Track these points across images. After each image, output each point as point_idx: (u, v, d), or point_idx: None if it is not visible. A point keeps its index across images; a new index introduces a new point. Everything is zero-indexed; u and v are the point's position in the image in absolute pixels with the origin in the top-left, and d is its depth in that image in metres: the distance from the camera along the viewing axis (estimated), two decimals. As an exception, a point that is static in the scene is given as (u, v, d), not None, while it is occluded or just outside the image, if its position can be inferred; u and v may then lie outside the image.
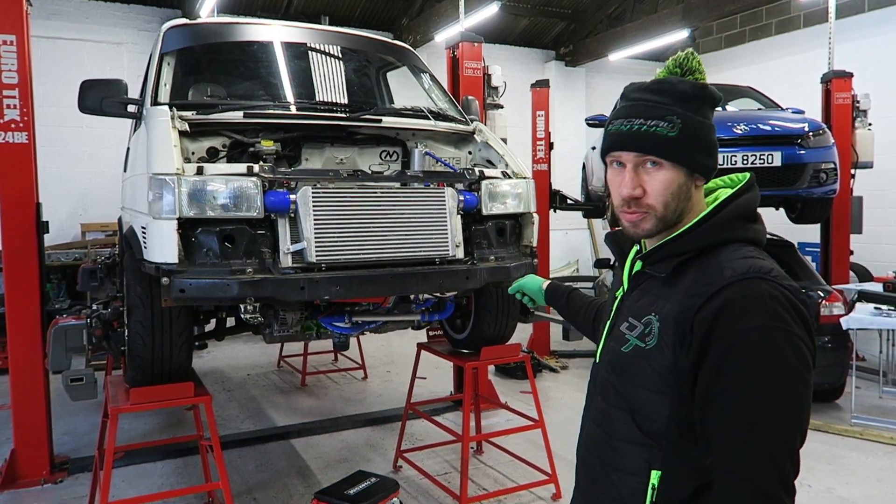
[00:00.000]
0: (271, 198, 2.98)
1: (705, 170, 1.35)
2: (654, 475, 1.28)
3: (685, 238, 1.31)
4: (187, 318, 3.31)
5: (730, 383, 1.16)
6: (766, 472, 1.13)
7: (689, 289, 1.26)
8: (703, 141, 1.33)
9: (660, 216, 1.32)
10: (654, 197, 1.31)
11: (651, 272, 1.36)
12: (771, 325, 1.16)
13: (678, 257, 1.31)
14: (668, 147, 1.29)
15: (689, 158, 1.31)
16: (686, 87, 1.33)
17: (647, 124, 1.30)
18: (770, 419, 1.15)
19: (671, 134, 1.29)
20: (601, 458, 1.40)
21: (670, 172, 1.30)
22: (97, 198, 8.84)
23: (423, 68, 4.59)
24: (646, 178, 1.31)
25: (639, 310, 1.35)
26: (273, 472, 4.61)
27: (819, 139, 5.89)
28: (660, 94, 1.33)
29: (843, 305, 5.61)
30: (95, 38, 9.03)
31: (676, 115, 1.30)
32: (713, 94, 1.35)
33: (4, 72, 4.25)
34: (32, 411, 4.40)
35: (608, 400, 1.39)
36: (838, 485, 4.31)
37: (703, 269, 1.27)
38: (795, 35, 11.26)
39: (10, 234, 4.32)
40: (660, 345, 1.27)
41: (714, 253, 1.29)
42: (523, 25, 12.10)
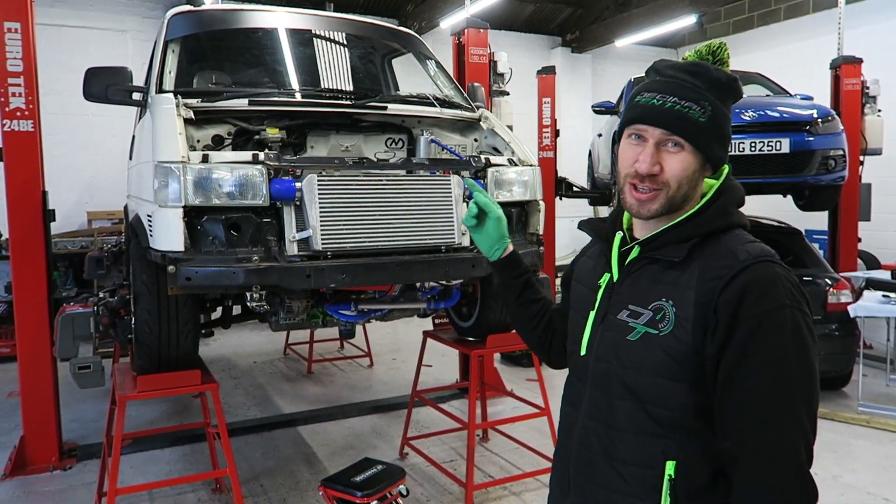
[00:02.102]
0: (277, 186, 2.97)
1: (718, 161, 1.34)
2: (669, 466, 1.26)
3: (693, 222, 1.31)
4: (194, 305, 3.32)
5: (759, 362, 1.17)
6: (798, 450, 1.16)
7: (705, 272, 1.25)
8: (724, 133, 1.33)
9: (670, 196, 1.31)
10: (670, 176, 1.30)
11: (658, 257, 1.33)
12: (790, 305, 1.19)
13: (688, 241, 1.30)
14: (696, 131, 1.28)
15: (710, 147, 1.31)
16: (721, 75, 1.32)
17: (680, 104, 1.28)
18: (798, 397, 1.16)
19: (701, 119, 1.28)
20: (604, 454, 1.34)
21: (690, 156, 1.30)
22: (103, 186, 8.85)
23: (429, 55, 4.56)
24: (665, 156, 1.30)
25: (642, 297, 1.32)
26: (280, 459, 4.63)
27: (828, 126, 5.83)
28: (696, 77, 1.31)
29: (851, 293, 5.59)
30: (100, 26, 9.00)
31: (709, 102, 1.29)
32: (739, 90, 1.34)
33: (9, 60, 4.24)
34: (41, 399, 4.43)
35: (608, 391, 1.34)
36: (845, 472, 4.31)
37: (713, 252, 1.27)
38: (804, 20, 11.13)
39: (17, 223, 4.33)
40: (677, 330, 1.25)
41: (718, 238, 1.29)
42: (529, 11, 12.01)
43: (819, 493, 1.18)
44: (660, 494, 1.26)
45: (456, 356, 6.17)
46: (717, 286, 1.22)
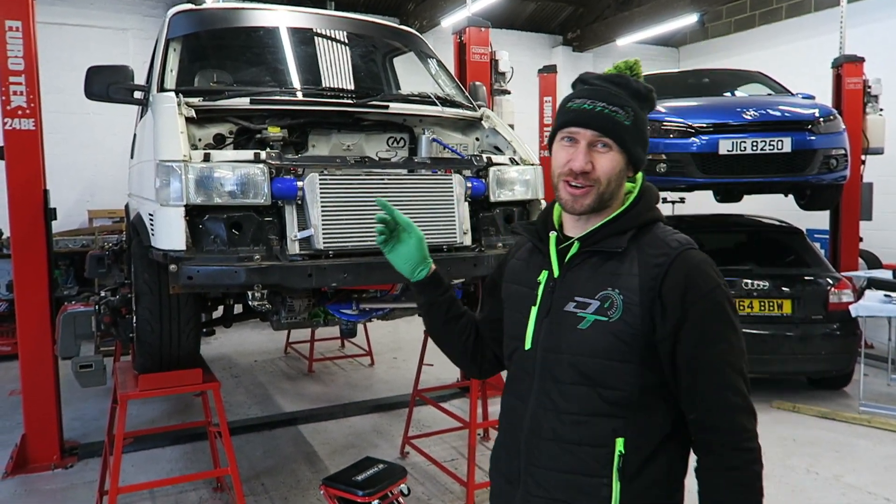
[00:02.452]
0: (278, 185, 2.96)
1: (639, 162, 1.50)
2: (619, 443, 1.39)
3: (626, 217, 1.47)
4: (195, 304, 3.32)
5: (713, 336, 1.38)
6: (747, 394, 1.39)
7: (644, 260, 1.41)
8: (645, 136, 1.50)
9: (602, 191, 1.44)
10: (601, 173, 1.44)
11: (599, 249, 1.45)
12: (720, 283, 1.41)
13: (625, 233, 1.44)
14: (622, 133, 1.44)
15: (634, 148, 1.47)
16: (640, 86, 1.50)
17: (609, 108, 1.43)
18: (742, 358, 1.40)
19: (626, 122, 1.44)
20: (557, 439, 1.43)
21: (617, 156, 1.45)
22: (104, 184, 8.85)
23: (430, 54, 4.55)
24: (596, 156, 1.44)
25: (586, 288, 1.44)
26: (281, 457, 4.63)
27: (830, 125, 5.82)
28: (619, 87, 1.48)
29: (853, 293, 5.58)
30: (101, 24, 8.99)
31: (631, 108, 1.46)
32: (654, 100, 1.54)
33: (10, 58, 4.24)
34: (42, 397, 4.43)
35: (560, 378, 1.44)
36: (846, 472, 4.31)
37: (646, 243, 1.44)
38: (806, 19, 11.12)
39: (19, 221, 4.33)
40: (626, 315, 1.39)
41: (647, 230, 1.46)
42: (530, 10, 12.00)
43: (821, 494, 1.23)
44: (610, 470, 1.39)
45: (457, 355, 6.15)
46: (659, 272, 1.38)
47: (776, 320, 5.48)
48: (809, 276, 5.71)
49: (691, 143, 5.72)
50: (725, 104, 6.29)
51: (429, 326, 1.80)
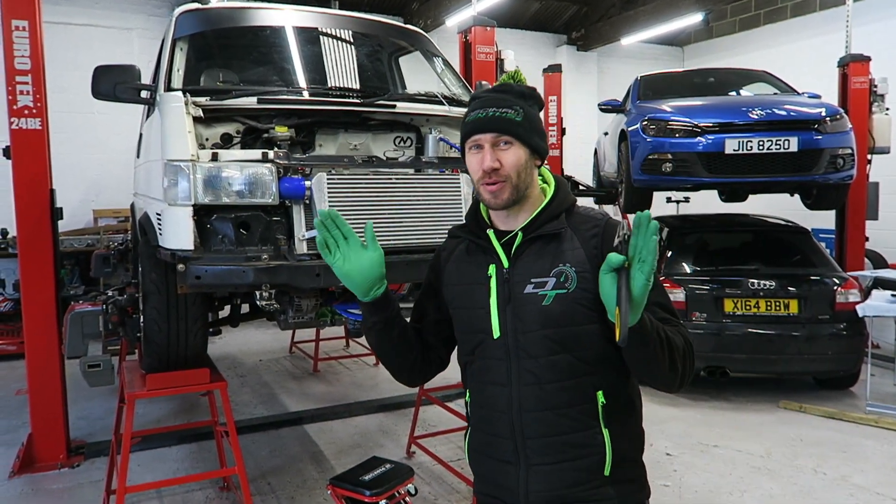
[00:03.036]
0: (286, 184, 2.96)
1: (542, 151, 1.67)
2: (599, 395, 1.58)
3: (556, 202, 1.66)
4: (203, 304, 3.32)
5: None
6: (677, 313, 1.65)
7: (581, 234, 1.62)
8: (539, 128, 1.67)
9: (514, 184, 1.60)
10: (509, 168, 1.60)
11: (542, 234, 1.62)
12: None
13: (559, 216, 1.64)
14: (517, 128, 1.61)
15: (531, 139, 1.63)
16: (522, 88, 1.69)
17: (500, 111, 1.61)
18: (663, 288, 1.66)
19: (518, 119, 1.61)
20: (550, 407, 1.58)
21: (519, 150, 1.61)
22: (109, 184, 8.86)
23: (436, 53, 4.54)
24: (501, 154, 1.60)
25: (539, 270, 1.61)
26: (287, 457, 4.63)
27: (836, 124, 5.80)
28: (504, 93, 1.66)
29: (859, 292, 5.56)
30: (106, 24, 9.00)
31: (519, 107, 1.63)
32: (539, 97, 1.72)
33: (17, 57, 4.24)
34: (49, 396, 4.43)
35: (536, 354, 1.58)
36: (853, 472, 4.29)
37: (576, 221, 1.65)
38: (811, 18, 11.10)
39: (25, 221, 4.33)
40: (581, 283, 1.56)
41: (570, 213, 1.67)
42: (535, 9, 11.98)
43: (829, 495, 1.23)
44: (598, 420, 1.58)
45: (462, 355, 6.15)
46: (597, 241, 1.59)
47: (782, 320, 5.46)
48: (816, 275, 5.69)
49: (697, 143, 5.70)
50: (731, 103, 6.27)
51: (379, 344, 1.77)
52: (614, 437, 1.59)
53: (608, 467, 1.58)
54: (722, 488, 4.10)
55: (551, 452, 1.59)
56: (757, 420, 5.27)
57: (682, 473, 4.32)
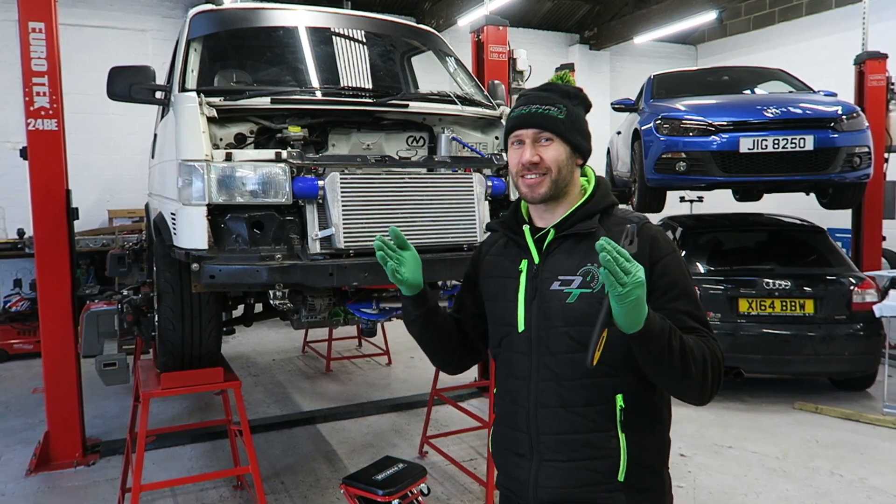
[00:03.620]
0: (299, 184, 2.97)
1: (583, 150, 1.71)
2: (618, 399, 1.58)
3: (591, 203, 1.69)
4: (217, 303, 3.34)
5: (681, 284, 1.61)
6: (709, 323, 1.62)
7: (612, 237, 1.50)
8: (582, 127, 1.71)
9: (554, 178, 1.65)
10: (549, 161, 1.65)
11: (575, 232, 1.65)
12: (674, 246, 1.65)
13: (593, 216, 1.67)
14: (558, 126, 1.66)
15: (573, 138, 1.67)
16: (568, 88, 1.73)
17: (542, 108, 1.67)
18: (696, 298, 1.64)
19: (560, 116, 1.66)
20: (566, 405, 1.60)
21: (559, 146, 1.66)
22: (123, 184, 8.92)
23: (449, 52, 4.54)
24: (541, 149, 1.66)
25: (567, 268, 1.63)
26: (300, 456, 4.64)
27: (852, 122, 5.74)
28: (549, 92, 1.72)
29: (876, 292, 5.50)
30: (120, 26, 9.07)
31: (563, 105, 1.68)
32: (586, 98, 1.76)
33: (34, 59, 4.28)
34: (65, 395, 4.48)
35: (556, 351, 1.61)
36: (870, 475, 4.24)
37: (611, 223, 1.66)
38: (827, 15, 10.98)
39: (41, 221, 4.38)
40: None
41: (608, 213, 1.69)
42: (547, 8, 11.94)
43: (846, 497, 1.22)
44: (615, 424, 1.58)
45: (474, 355, 6.14)
46: None
47: (798, 320, 5.41)
48: (832, 275, 5.63)
49: (711, 142, 5.66)
50: (746, 102, 6.21)
51: (420, 335, 1.88)
52: (631, 444, 1.58)
53: (622, 473, 1.57)
54: (737, 490, 4.07)
55: (563, 450, 1.60)
56: (772, 421, 5.22)
57: (696, 475, 4.29)
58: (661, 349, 1.42)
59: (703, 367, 1.49)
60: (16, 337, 7.47)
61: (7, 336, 7.46)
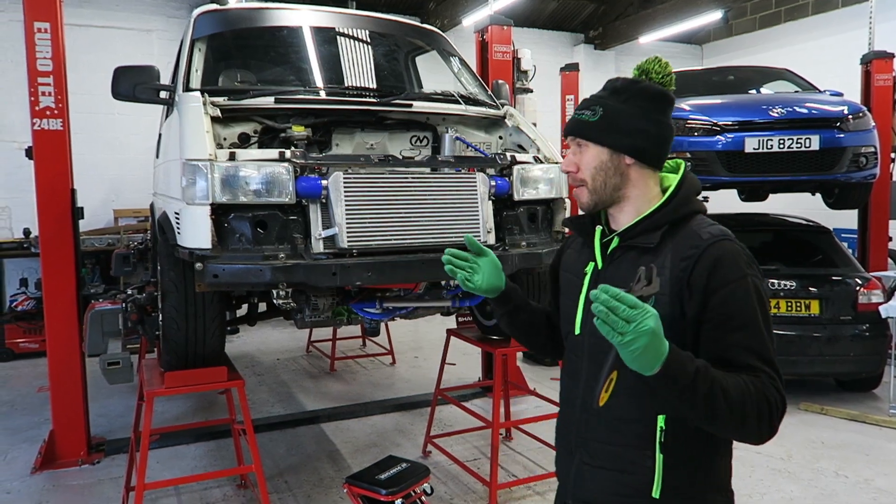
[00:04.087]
0: (303, 183, 2.97)
1: (628, 149, 1.56)
2: (660, 419, 1.49)
3: (661, 212, 1.55)
4: (220, 302, 3.34)
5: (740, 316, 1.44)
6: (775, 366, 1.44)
7: (676, 254, 1.50)
8: (623, 125, 1.56)
9: (590, 188, 1.59)
10: (584, 171, 1.59)
11: (635, 244, 1.56)
12: (748, 273, 1.48)
13: (660, 228, 1.54)
14: (589, 130, 1.58)
15: (609, 138, 1.56)
16: (619, 82, 1.63)
17: (577, 114, 1.62)
18: (767, 334, 1.46)
19: (592, 119, 1.58)
20: (604, 416, 1.55)
21: (593, 150, 1.58)
22: (128, 184, 8.95)
23: (453, 52, 4.54)
24: (579, 156, 1.60)
25: (624, 279, 1.48)
26: (303, 455, 4.65)
27: (858, 122, 5.71)
28: (603, 90, 1.64)
29: (882, 293, 5.48)
30: (126, 26, 9.10)
31: (600, 105, 1.58)
32: (646, 88, 1.61)
33: (39, 59, 4.30)
34: (70, 393, 4.49)
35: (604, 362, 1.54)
36: (876, 476, 4.22)
37: (680, 238, 1.52)
38: (834, 15, 10.94)
39: (47, 220, 4.39)
40: (657, 305, 1.39)
41: (683, 224, 1.55)
42: (552, 8, 11.93)
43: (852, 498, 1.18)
44: (653, 444, 1.50)
45: (479, 354, 6.15)
46: (688, 265, 1.48)
47: (804, 321, 5.39)
48: (838, 276, 5.61)
49: (716, 142, 5.65)
50: (751, 101, 6.20)
51: (509, 329, 1.90)
52: (669, 466, 1.50)
53: (657, 490, 1.51)
54: (741, 490, 4.05)
55: (600, 457, 1.59)
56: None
57: (700, 475, 4.27)
58: (680, 392, 1.33)
59: (740, 411, 1.37)
60: (22, 336, 7.51)
61: (13, 335, 7.49)
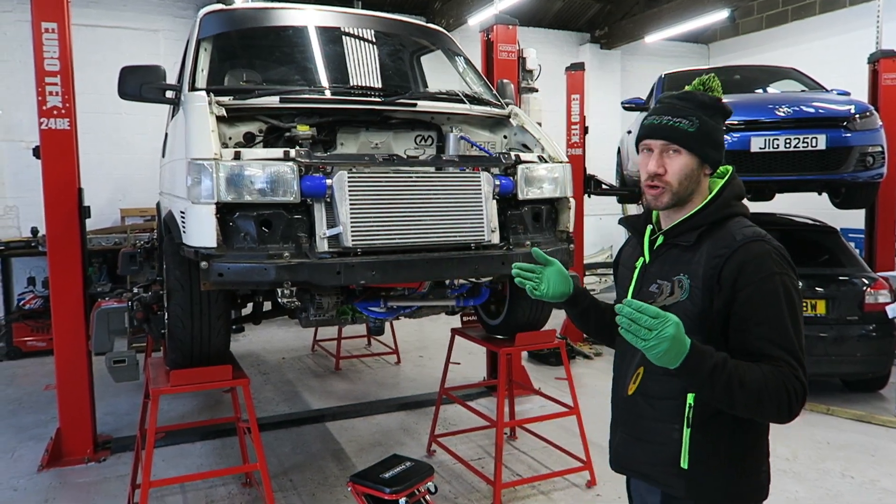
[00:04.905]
0: (308, 182, 2.98)
1: (713, 161, 1.76)
2: (689, 397, 1.67)
3: (701, 214, 1.73)
4: (225, 301, 3.35)
5: (764, 311, 1.60)
6: (798, 356, 1.59)
7: (710, 252, 1.67)
8: (714, 139, 1.74)
9: (674, 191, 1.73)
10: (671, 175, 1.72)
11: (676, 242, 1.75)
12: (778, 272, 1.63)
13: (698, 228, 1.72)
14: (687, 139, 1.71)
15: (702, 150, 1.72)
16: (705, 98, 1.76)
17: (673, 120, 1.72)
18: (793, 327, 1.61)
19: (690, 129, 1.70)
20: (643, 393, 1.77)
21: (686, 158, 1.72)
22: (135, 183, 8.98)
23: (458, 52, 4.54)
24: (668, 161, 1.72)
25: (664, 274, 1.74)
26: (308, 454, 4.66)
27: (866, 121, 5.68)
28: (685, 101, 1.76)
29: (889, 293, 5.45)
30: (133, 26, 9.13)
31: (696, 117, 1.71)
32: (724, 108, 1.78)
33: (47, 59, 4.32)
34: (76, 392, 4.52)
35: None
36: (882, 476, 4.20)
37: (717, 237, 1.69)
38: (841, 14, 10.88)
39: (54, 219, 4.41)
40: (691, 297, 1.67)
41: (722, 225, 1.72)
42: (557, 7, 11.91)
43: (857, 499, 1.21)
44: (682, 419, 1.69)
45: (483, 354, 6.15)
46: (719, 263, 1.65)
47: (810, 321, 5.37)
48: (844, 276, 5.58)
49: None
50: (758, 101, 6.17)
51: (581, 327, 2.09)
52: (696, 440, 1.67)
53: (685, 461, 1.68)
54: (746, 491, 4.04)
55: (633, 429, 1.81)
56: (783, 422, 5.18)
57: (705, 475, 4.26)
58: (700, 383, 1.52)
59: (756, 399, 1.52)
60: (29, 334, 7.55)
61: (21, 333, 7.53)
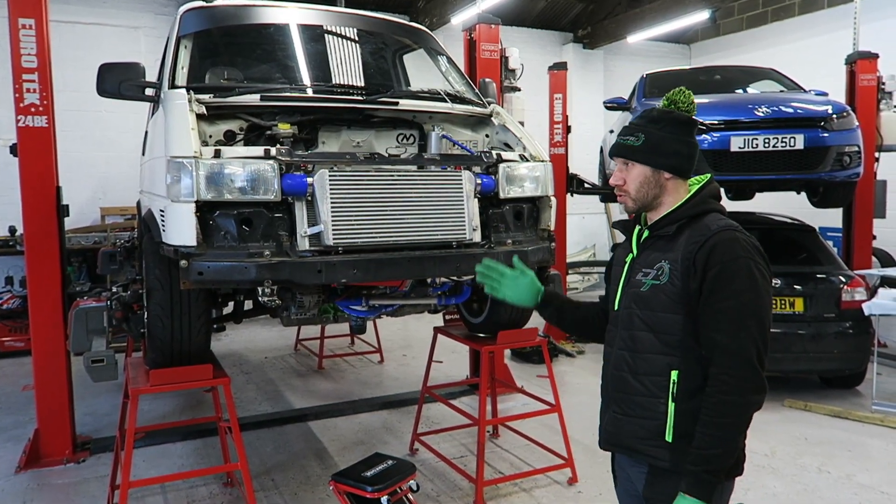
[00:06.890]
0: (288, 181, 2.97)
1: (669, 167, 1.95)
2: (673, 374, 1.87)
3: (681, 209, 1.95)
4: (206, 300, 3.33)
5: (722, 293, 1.79)
6: (749, 349, 1.76)
7: (688, 240, 1.88)
8: (663, 149, 1.95)
9: (633, 197, 1.99)
10: (629, 184, 1.99)
11: (659, 234, 1.96)
12: (743, 256, 1.81)
13: (678, 221, 1.94)
14: (634, 152, 1.97)
15: (650, 159, 1.95)
16: (655, 113, 2.00)
17: (625, 138, 1.99)
18: (749, 314, 1.78)
19: (636, 144, 1.96)
20: (631, 370, 1.95)
21: (639, 168, 1.97)
22: (116, 182, 8.90)
23: (440, 51, 4.55)
24: (626, 173, 2.00)
25: (649, 262, 1.96)
26: (290, 453, 4.65)
27: (843, 122, 5.77)
28: (641, 119, 2.02)
29: (866, 291, 5.54)
30: (113, 22, 9.04)
31: (642, 132, 1.96)
32: (681, 118, 1.98)
33: (24, 56, 4.27)
34: (55, 392, 4.47)
35: (633, 327, 1.95)
36: (858, 471, 4.27)
37: (694, 229, 1.90)
38: (819, 15, 11.02)
39: (31, 218, 4.36)
40: (671, 279, 1.88)
41: (699, 219, 1.92)
42: (541, 7, 11.95)
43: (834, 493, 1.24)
44: (667, 393, 1.87)
45: (466, 352, 6.17)
46: (694, 249, 1.85)
47: (788, 318, 5.44)
48: (822, 274, 5.66)
49: (702, 141, 5.67)
50: (737, 101, 6.24)
51: (559, 326, 2.29)
52: (680, 413, 1.85)
53: (670, 434, 1.86)
54: (725, 486, 4.08)
55: (623, 406, 1.98)
56: (761, 418, 5.19)
57: (685, 471, 4.30)
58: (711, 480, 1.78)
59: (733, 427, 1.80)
60: (7, 334, 7.45)
61: (-2, 333, 7.44)
